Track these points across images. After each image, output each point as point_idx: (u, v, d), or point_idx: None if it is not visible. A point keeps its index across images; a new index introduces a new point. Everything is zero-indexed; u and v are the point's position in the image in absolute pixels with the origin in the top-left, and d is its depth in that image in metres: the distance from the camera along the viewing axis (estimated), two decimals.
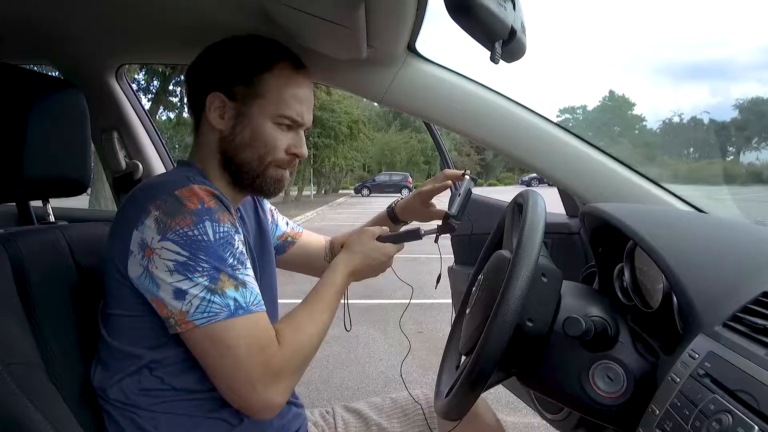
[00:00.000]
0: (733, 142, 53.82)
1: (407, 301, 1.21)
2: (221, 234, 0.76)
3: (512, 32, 0.60)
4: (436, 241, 1.07)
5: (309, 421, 1.01)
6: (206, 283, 0.73)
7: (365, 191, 30.55)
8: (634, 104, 66.68)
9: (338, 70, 1.11)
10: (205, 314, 0.73)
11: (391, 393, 1.14)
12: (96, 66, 1.31)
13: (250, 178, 0.91)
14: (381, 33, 0.93)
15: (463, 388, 0.70)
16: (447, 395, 0.79)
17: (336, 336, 3.77)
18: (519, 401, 2.25)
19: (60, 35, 1.19)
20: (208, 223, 0.75)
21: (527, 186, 8.56)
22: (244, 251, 0.80)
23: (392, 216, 1.18)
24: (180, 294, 0.73)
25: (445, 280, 1.51)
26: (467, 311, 0.89)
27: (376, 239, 0.99)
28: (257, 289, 0.79)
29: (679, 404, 0.57)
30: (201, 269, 0.74)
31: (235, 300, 0.75)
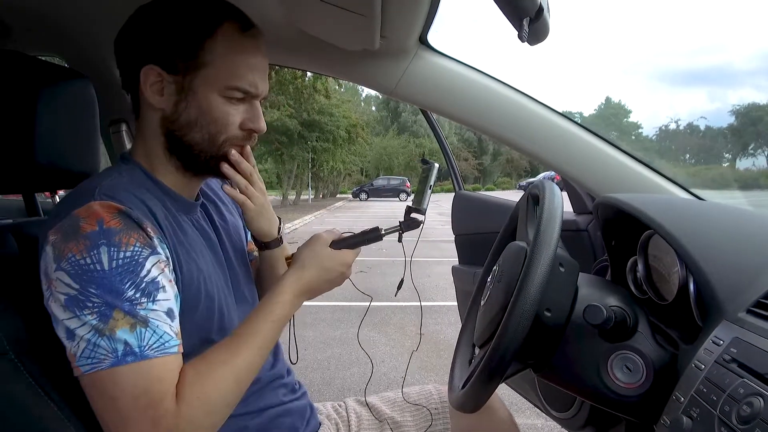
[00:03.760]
0: (730, 149, 54.10)
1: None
2: (121, 260, 0.65)
3: (539, 10, 0.60)
4: (399, 240, 0.94)
5: (321, 414, 1.00)
6: (94, 322, 0.63)
7: (363, 195, 30.57)
8: (630, 111, 67.41)
9: (348, 62, 1.11)
10: (89, 360, 0.63)
11: (403, 387, 1.13)
12: (104, 57, 1.30)
13: (204, 160, 0.79)
14: (395, 23, 0.93)
15: (480, 379, 0.69)
16: (463, 388, 0.78)
17: (337, 338, 3.76)
18: (522, 401, 2.24)
19: (68, 26, 1.18)
20: (104, 249, 0.64)
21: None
22: (164, 275, 0.68)
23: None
24: (70, 334, 0.64)
25: (443, 280, 1.50)
26: (482, 303, 0.88)
27: (330, 246, 0.85)
28: (167, 327, 0.67)
29: (705, 390, 0.57)
30: (90, 305, 0.63)
31: (126, 343, 0.63)
